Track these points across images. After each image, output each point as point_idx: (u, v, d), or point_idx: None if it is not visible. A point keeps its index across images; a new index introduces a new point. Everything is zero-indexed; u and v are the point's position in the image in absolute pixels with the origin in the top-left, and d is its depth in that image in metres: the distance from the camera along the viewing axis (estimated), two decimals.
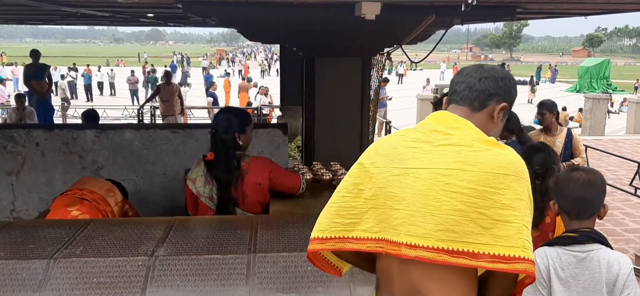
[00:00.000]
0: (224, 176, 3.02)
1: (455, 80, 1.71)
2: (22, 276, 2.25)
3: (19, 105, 9.53)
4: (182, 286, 2.27)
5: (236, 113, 3.16)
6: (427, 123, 1.66)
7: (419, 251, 1.49)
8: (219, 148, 3.03)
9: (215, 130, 3.07)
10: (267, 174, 3.07)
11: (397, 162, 1.60)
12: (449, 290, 1.53)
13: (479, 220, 1.46)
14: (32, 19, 8.93)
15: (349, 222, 1.63)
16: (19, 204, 4.50)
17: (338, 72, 4.26)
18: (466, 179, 1.49)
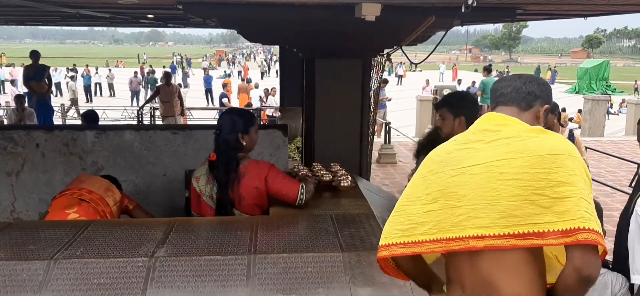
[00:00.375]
0: (222, 177, 3.03)
1: (500, 85, 1.83)
2: (22, 277, 2.25)
3: (18, 106, 9.53)
4: (183, 287, 2.27)
5: (240, 114, 3.16)
6: (477, 125, 1.79)
7: (487, 240, 1.58)
8: (222, 149, 3.03)
9: (219, 131, 3.07)
10: (264, 178, 3.03)
11: (454, 164, 1.71)
12: (517, 277, 1.61)
13: (539, 201, 1.55)
14: (32, 20, 8.94)
15: (407, 227, 1.74)
16: (19, 205, 4.49)
17: (338, 73, 4.27)
18: (518, 165, 1.59)
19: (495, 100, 1.84)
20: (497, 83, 1.86)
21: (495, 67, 44.01)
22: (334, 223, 2.83)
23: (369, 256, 2.42)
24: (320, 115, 4.35)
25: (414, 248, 1.71)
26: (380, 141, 11.99)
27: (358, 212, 3.07)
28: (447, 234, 1.66)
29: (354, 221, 2.88)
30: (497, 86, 1.85)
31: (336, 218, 2.92)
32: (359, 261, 2.41)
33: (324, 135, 4.37)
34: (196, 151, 4.49)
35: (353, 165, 4.32)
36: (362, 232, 2.72)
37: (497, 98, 1.83)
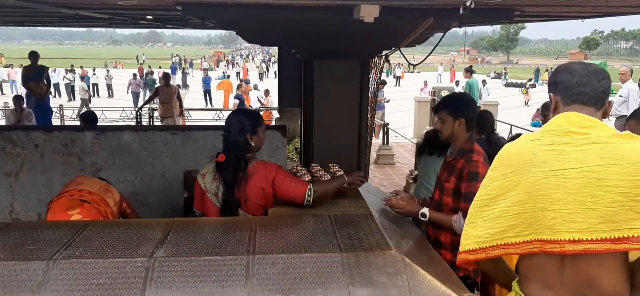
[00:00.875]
0: (231, 177, 3.04)
1: (575, 81, 1.81)
2: (21, 277, 2.24)
3: (17, 106, 9.51)
4: (181, 288, 2.27)
5: (248, 115, 3.17)
6: (558, 126, 1.79)
7: (584, 244, 1.65)
8: (230, 150, 3.04)
9: (227, 132, 3.08)
10: (271, 180, 3.04)
11: (542, 167, 1.72)
12: (617, 276, 1.70)
13: (635, 207, 1.61)
14: (31, 21, 8.92)
15: (498, 231, 1.77)
16: (17, 206, 4.50)
17: (337, 74, 4.27)
18: (617, 172, 1.63)
19: (571, 97, 1.83)
20: (570, 79, 1.83)
21: (492, 68, 44.13)
22: (333, 223, 2.83)
23: (367, 257, 2.41)
24: (318, 116, 4.36)
25: (509, 250, 1.77)
26: (378, 142, 12.00)
27: (356, 212, 3.06)
28: (541, 236, 1.70)
29: (353, 221, 2.88)
30: (573, 82, 1.82)
31: (335, 218, 2.92)
32: (357, 261, 2.41)
33: (323, 136, 4.38)
34: (195, 152, 4.49)
35: (351, 166, 4.33)
36: (360, 233, 2.72)
37: (573, 95, 1.82)
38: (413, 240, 2.98)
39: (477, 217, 1.84)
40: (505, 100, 26.81)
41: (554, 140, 1.75)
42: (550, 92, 1.92)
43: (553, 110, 1.90)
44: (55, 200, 3.22)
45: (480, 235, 1.81)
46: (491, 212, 1.80)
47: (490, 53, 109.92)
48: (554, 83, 1.90)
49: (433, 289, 2.29)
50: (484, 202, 1.83)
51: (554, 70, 1.96)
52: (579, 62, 1.89)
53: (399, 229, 3.12)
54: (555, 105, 1.89)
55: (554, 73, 1.93)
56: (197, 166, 4.53)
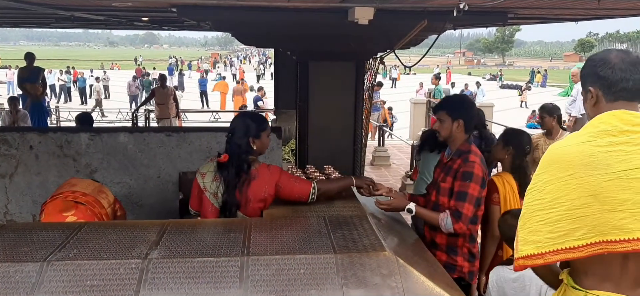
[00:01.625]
0: (233, 179, 3.04)
1: (618, 77, 1.81)
2: (15, 279, 2.23)
3: (12, 108, 9.48)
4: (175, 289, 2.26)
5: (253, 118, 3.17)
6: (612, 125, 1.76)
7: None
8: (233, 151, 3.05)
9: (231, 134, 3.09)
10: (274, 184, 3.06)
11: (604, 168, 1.71)
12: None
13: None
14: (27, 22, 8.91)
15: (559, 235, 1.75)
16: (12, 207, 4.49)
17: (332, 76, 4.29)
18: None
19: (615, 94, 1.82)
20: (612, 74, 1.82)
21: (488, 70, 44.11)
22: (327, 225, 2.84)
23: (361, 258, 2.42)
24: (313, 118, 4.37)
25: (569, 254, 1.75)
26: (374, 143, 12.01)
27: (351, 213, 3.07)
28: (608, 237, 1.69)
29: (347, 223, 2.89)
30: (616, 78, 1.82)
31: (329, 219, 2.92)
32: (351, 262, 2.41)
33: (318, 138, 4.39)
34: (190, 153, 4.50)
35: (346, 167, 4.34)
36: (354, 234, 2.72)
37: (617, 92, 1.82)
38: (408, 242, 2.99)
39: (533, 222, 1.80)
40: (501, 102, 26.91)
41: (611, 140, 1.73)
42: (589, 86, 1.89)
43: (593, 104, 1.88)
44: (49, 201, 3.20)
45: (539, 240, 1.78)
46: (548, 215, 1.77)
47: (485, 55, 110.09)
48: (594, 77, 1.87)
49: (427, 290, 2.29)
50: (539, 206, 1.80)
51: (591, 61, 1.92)
52: (616, 52, 1.88)
53: (393, 231, 3.12)
54: (596, 100, 1.86)
55: (591, 66, 1.90)
56: (192, 167, 4.53)
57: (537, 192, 1.81)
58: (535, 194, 1.82)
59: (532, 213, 1.81)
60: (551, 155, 1.82)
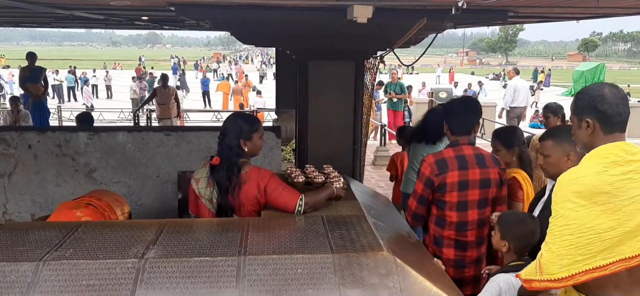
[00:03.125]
0: (224, 182, 3.00)
1: (614, 111, 2.07)
2: (10, 278, 2.22)
3: (13, 107, 9.49)
4: (172, 289, 2.26)
5: (245, 119, 3.12)
6: (618, 156, 2.01)
7: None
8: (224, 154, 3.01)
9: (223, 135, 3.05)
10: (263, 188, 2.99)
11: (622, 194, 1.95)
12: None
13: None
14: (27, 22, 8.92)
15: (587, 257, 1.95)
16: (11, 207, 4.49)
17: (331, 75, 4.27)
18: None
19: (613, 127, 2.09)
20: (609, 109, 2.07)
21: (491, 70, 44.01)
22: (325, 224, 2.82)
23: (358, 258, 2.41)
24: (313, 117, 4.36)
25: (596, 273, 1.95)
26: (375, 143, 11.99)
27: (350, 213, 3.05)
28: (626, 254, 1.93)
29: (345, 222, 2.87)
30: (613, 112, 2.07)
31: (327, 219, 2.91)
32: (348, 262, 2.40)
33: (317, 137, 4.37)
34: (189, 153, 4.49)
35: (346, 167, 4.33)
36: (353, 234, 2.71)
37: (614, 125, 2.08)
38: (407, 242, 2.97)
39: (561, 247, 1.99)
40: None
41: (623, 170, 1.97)
42: (586, 117, 2.11)
43: (590, 134, 2.12)
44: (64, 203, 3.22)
45: (570, 263, 1.96)
46: (578, 240, 1.96)
47: (489, 54, 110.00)
48: (591, 110, 2.10)
49: (424, 290, 2.28)
50: (566, 231, 1.98)
51: (587, 94, 2.15)
52: (608, 87, 2.12)
53: (393, 231, 3.11)
54: (593, 130, 2.10)
55: (588, 99, 2.13)
56: (191, 167, 4.52)
57: (561, 218, 2.00)
58: (559, 221, 2.01)
59: (559, 238, 1.99)
60: (571, 186, 2.01)
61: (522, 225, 2.80)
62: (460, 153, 3.25)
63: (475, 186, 3.23)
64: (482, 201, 3.26)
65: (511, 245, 2.78)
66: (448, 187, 3.22)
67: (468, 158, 3.24)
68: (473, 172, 3.23)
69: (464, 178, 3.21)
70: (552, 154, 2.86)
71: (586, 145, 2.16)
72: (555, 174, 2.77)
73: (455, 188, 3.22)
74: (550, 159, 2.87)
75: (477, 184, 3.23)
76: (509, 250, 2.79)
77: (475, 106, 3.42)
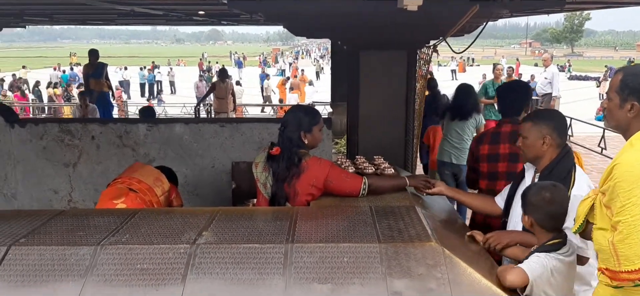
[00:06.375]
0: (283, 172, 3.04)
1: None
2: (70, 261, 2.32)
3: (82, 102, 9.95)
4: (221, 273, 2.30)
5: (306, 112, 3.18)
6: None
7: None
8: (285, 145, 3.06)
9: (283, 127, 3.10)
10: (323, 179, 3.03)
11: None
12: None
13: None
14: (91, 19, 9.30)
15: None
16: (75, 195, 4.71)
17: (382, 66, 4.23)
18: None
19: None
20: None
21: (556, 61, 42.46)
22: (373, 214, 2.81)
23: (406, 248, 2.37)
24: (364, 108, 4.33)
25: None
26: None
27: (398, 204, 3.02)
28: None
29: (394, 212, 2.84)
30: None
31: (375, 209, 2.89)
32: (396, 252, 2.37)
33: (368, 129, 4.35)
34: (242, 144, 4.57)
35: (397, 159, 4.28)
36: (400, 224, 2.68)
37: None
38: (457, 233, 2.91)
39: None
40: (569, 94, 25.81)
41: None
42: (632, 99, 2.07)
43: (632, 117, 2.08)
44: (108, 187, 3.35)
45: None
46: None
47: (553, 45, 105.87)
48: (634, 91, 2.06)
49: (473, 282, 2.23)
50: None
51: (627, 74, 2.11)
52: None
53: (443, 221, 3.07)
54: (636, 114, 2.06)
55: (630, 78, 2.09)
56: (244, 157, 4.61)
57: (634, 206, 1.94)
58: (633, 210, 1.94)
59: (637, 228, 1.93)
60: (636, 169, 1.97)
61: (543, 196, 2.49)
62: (497, 130, 3.61)
63: (504, 159, 3.51)
64: (511, 174, 3.43)
65: (537, 221, 2.49)
66: (480, 158, 3.62)
67: (502, 134, 3.55)
68: (503, 147, 3.51)
69: (494, 151, 3.55)
70: (529, 136, 2.80)
71: (621, 126, 2.13)
72: (532, 157, 2.82)
73: (485, 160, 3.59)
74: (527, 141, 2.81)
75: (506, 157, 3.50)
76: (536, 226, 2.54)
77: (523, 90, 3.70)
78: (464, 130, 5.68)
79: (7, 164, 4.85)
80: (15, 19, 8.27)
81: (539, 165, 2.82)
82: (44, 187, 4.86)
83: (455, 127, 5.68)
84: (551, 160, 2.77)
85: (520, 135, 2.86)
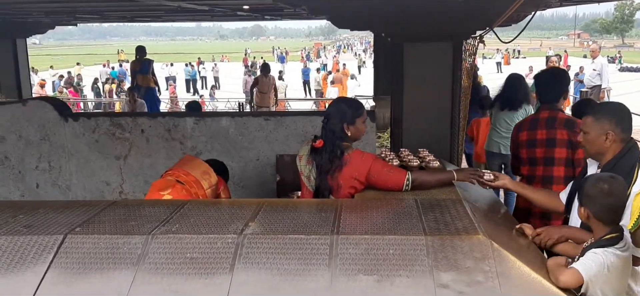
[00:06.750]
0: (326, 164, 3.05)
1: None
2: (123, 250, 2.38)
3: (131, 98, 10.21)
4: (268, 264, 2.32)
5: (349, 104, 3.18)
6: None
7: None
8: (327, 137, 3.06)
9: (326, 119, 3.11)
10: (366, 172, 3.02)
11: None
12: None
13: None
14: (139, 16, 9.52)
15: None
16: (126, 187, 4.86)
17: (427, 57, 4.19)
18: None
19: None
20: None
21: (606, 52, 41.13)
22: (418, 207, 2.79)
23: (453, 241, 2.34)
24: (408, 100, 4.30)
25: None
26: None
27: (444, 196, 2.99)
28: None
29: (440, 205, 2.82)
30: None
31: (421, 202, 2.86)
32: (442, 245, 2.35)
33: (412, 122, 4.31)
34: (286, 137, 4.61)
35: (443, 152, 4.23)
36: (447, 217, 2.65)
37: None
38: (504, 226, 2.86)
39: None
40: (620, 86, 24.92)
41: None
42: None
43: None
44: (163, 175, 3.46)
45: None
46: None
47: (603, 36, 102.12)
48: None
49: (522, 275, 2.19)
50: None
51: None
52: None
53: (489, 214, 3.02)
54: None
55: None
56: (288, 150, 4.65)
57: None
58: None
59: None
60: None
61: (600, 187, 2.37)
62: (536, 117, 3.68)
63: (541, 145, 3.57)
64: (548, 159, 3.53)
65: (593, 213, 2.38)
66: (520, 144, 3.69)
67: (540, 120, 3.61)
68: (540, 132, 3.57)
69: (532, 137, 3.61)
70: (591, 131, 2.66)
71: None
72: (594, 153, 2.69)
73: (525, 146, 3.66)
74: (588, 136, 2.67)
75: (543, 143, 3.56)
76: (592, 219, 2.44)
77: (562, 77, 3.74)
78: (513, 121, 5.50)
79: (61, 157, 5.05)
80: (68, 16, 8.56)
81: (602, 160, 2.70)
82: (96, 179, 5.04)
83: (504, 117, 5.65)
84: (614, 155, 2.64)
85: (581, 130, 2.74)
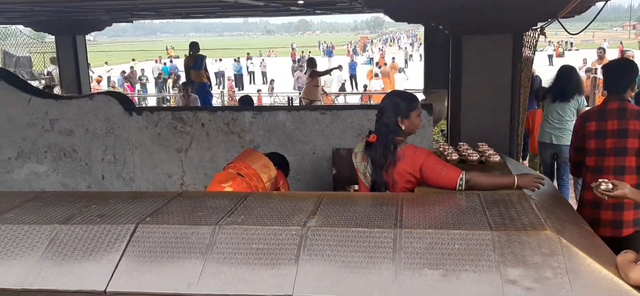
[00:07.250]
0: (380, 159, 3.04)
1: None
2: (192, 239, 2.45)
3: (185, 93, 10.46)
4: (332, 256, 2.33)
5: (403, 97, 3.14)
6: None
7: None
8: (381, 131, 3.05)
9: (380, 113, 3.09)
10: (419, 167, 2.97)
11: None
12: None
13: None
14: (195, 12, 9.71)
15: None
16: (187, 179, 5.01)
17: (487, 50, 4.12)
18: None
19: None
20: None
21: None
22: (482, 202, 2.75)
23: (519, 236, 2.31)
24: (466, 94, 4.24)
25: None
26: None
27: (508, 192, 2.95)
28: None
29: (503, 200, 2.77)
30: None
31: (484, 197, 2.83)
32: (509, 240, 2.32)
33: (471, 116, 4.25)
34: (342, 130, 4.63)
35: (502, 147, 4.16)
36: (512, 212, 2.61)
37: None
38: (571, 222, 2.80)
39: None
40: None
41: None
42: None
43: None
44: (226, 167, 3.55)
45: None
46: None
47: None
48: None
49: (593, 272, 2.14)
50: None
51: None
52: None
53: (555, 210, 2.95)
54: None
55: None
56: (344, 144, 4.67)
57: None
58: None
59: None
60: None
61: None
62: (603, 108, 3.64)
63: (612, 135, 3.53)
64: (620, 149, 3.51)
65: None
66: (587, 134, 3.65)
67: (609, 111, 3.57)
68: (611, 123, 3.54)
69: (602, 127, 3.57)
70: None
71: None
72: None
73: (593, 136, 3.61)
74: None
75: (614, 133, 3.52)
76: None
77: (630, 68, 3.70)
78: (565, 112, 5.77)
79: (125, 150, 5.25)
80: (126, 13, 8.82)
81: None
82: (158, 171, 5.21)
83: (556, 108, 5.82)
84: None
85: None
